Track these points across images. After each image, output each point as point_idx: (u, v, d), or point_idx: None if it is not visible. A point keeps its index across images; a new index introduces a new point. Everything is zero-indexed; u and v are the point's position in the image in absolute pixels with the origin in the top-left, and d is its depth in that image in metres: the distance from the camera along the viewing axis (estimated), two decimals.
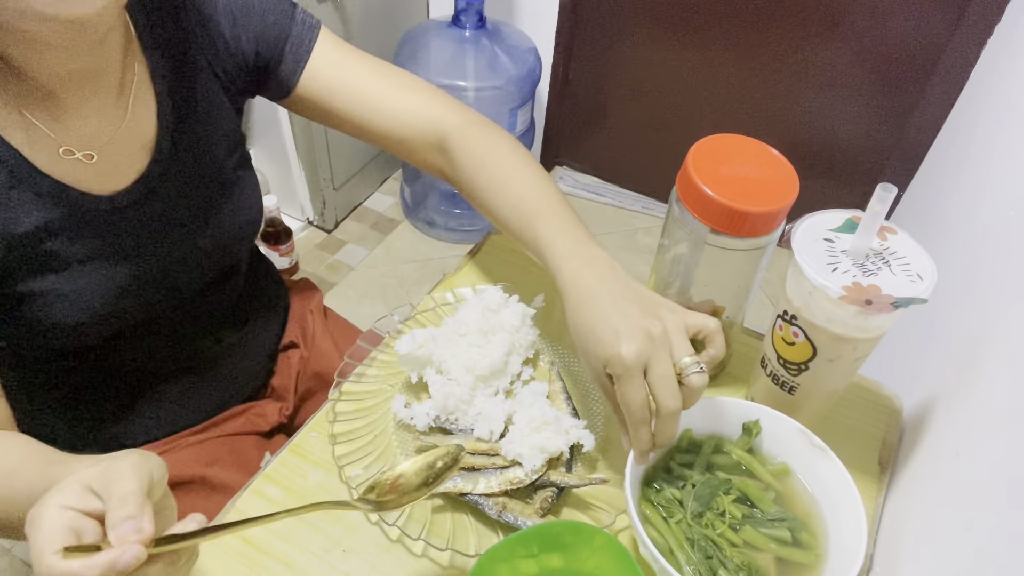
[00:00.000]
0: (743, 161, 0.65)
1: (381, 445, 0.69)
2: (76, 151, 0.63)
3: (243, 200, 0.77)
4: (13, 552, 1.37)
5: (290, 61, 0.74)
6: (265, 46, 0.73)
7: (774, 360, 0.68)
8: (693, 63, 1.97)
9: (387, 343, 0.77)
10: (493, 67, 1.82)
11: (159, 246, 0.70)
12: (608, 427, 0.72)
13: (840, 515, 0.59)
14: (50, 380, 0.77)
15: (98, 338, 0.70)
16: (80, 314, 0.66)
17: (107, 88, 0.64)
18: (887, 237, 0.62)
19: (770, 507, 0.61)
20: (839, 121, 1.90)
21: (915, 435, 0.73)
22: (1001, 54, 1.42)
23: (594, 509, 0.66)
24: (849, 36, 1.75)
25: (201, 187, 0.72)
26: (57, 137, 0.62)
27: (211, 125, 0.72)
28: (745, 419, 0.65)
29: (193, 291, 0.76)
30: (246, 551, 0.63)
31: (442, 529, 0.64)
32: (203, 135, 0.72)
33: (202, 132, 0.71)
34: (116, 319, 0.69)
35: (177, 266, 0.72)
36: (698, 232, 0.65)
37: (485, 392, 0.71)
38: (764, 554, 0.59)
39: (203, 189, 0.72)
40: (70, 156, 0.62)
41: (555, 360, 0.78)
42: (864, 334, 0.61)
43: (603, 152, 2.30)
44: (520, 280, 0.88)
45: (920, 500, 0.64)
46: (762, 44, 1.86)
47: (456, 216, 2.14)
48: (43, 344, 0.69)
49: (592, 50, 2.08)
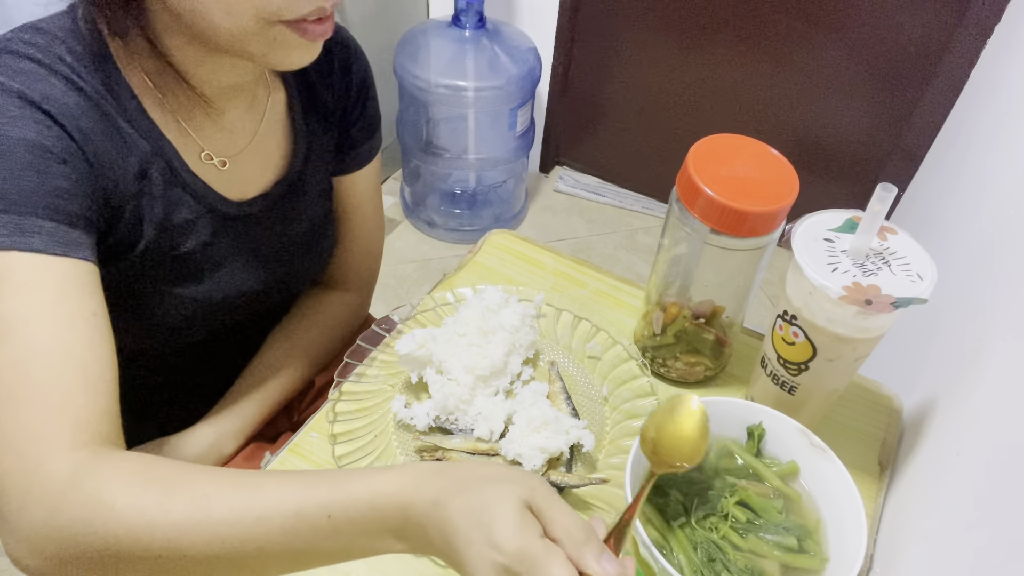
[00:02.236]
0: (743, 161, 0.65)
1: (381, 445, 0.69)
2: (214, 156, 0.67)
3: (332, 229, 0.84)
4: None
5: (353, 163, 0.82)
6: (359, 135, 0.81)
7: (774, 360, 0.68)
8: (693, 63, 1.97)
9: (387, 343, 0.77)
10: (493, 67, 1.82)
11: (264, 260, 0.75)
12: (608, 427, 0.72)
13: (840, 515, 0.59)
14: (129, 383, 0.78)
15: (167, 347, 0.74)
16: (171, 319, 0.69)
17: (245, 102, 0.69)
18: (887, 237, 0.62)
19: (776, 517, 0.60)
20: (839, 121, 1.90)
21: (915, 435, 0.73)
22: (1001, 54, 1.42)
23: (594, 509, 0.66)
24: (849, 36, 1.75)
25: (310, 211, 0.78)
26: (200, 141, 0.66)
27: (325, 160, 0.79)
28: (746, 420, 0.65)
29: (272, 307, 0.82)
30: None
31: None
32: (320, 168, 0.78)
33: (320, 165, 0.78)
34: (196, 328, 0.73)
35: (271, 282, 0.77)
36: (698, 232, 0.65)
37: (485, 392, 0.71)
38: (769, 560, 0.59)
39: (311, 213, 0.79)
40: (208, 161, 0.67)
41: (555, 360, 0.78)
42: (864, 334, 0.61)
43: (603, 152, 2.30)
44: (520, 280, 0.88)
45: (920, 500, 0.64)
46: (762, 44, 1.86)
47: (456, 216, 2.14)
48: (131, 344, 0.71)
49: (592, 50, 2.08)
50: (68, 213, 0.53)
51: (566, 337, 0.80)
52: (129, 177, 0.60)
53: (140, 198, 0.62)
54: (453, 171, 2.09)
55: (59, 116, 0.54)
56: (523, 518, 0.41)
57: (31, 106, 0.53)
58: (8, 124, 0.52)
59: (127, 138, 0.60)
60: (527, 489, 0.42)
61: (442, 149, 1.96)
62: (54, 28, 0.58)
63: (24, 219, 0.51)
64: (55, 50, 0.56)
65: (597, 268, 0.91)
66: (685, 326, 0.74)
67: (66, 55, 0.57)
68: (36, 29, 0.57)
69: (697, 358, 0.76)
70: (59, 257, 0.51)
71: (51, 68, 0.56)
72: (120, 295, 0.63)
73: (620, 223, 2.24)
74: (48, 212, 0.52)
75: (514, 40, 1.88)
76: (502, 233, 0.94)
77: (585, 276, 0.89)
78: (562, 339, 0.80)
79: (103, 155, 0.58)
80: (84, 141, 0.56)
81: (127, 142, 0.60)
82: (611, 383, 0.75)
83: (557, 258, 0.91)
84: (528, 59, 1.87)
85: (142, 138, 0.61)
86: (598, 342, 0.78)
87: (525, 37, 1.92)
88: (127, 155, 0.60)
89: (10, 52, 0.55)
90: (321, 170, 0.79)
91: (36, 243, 0.50)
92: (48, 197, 0.52)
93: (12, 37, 0.56)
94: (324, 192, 0.81)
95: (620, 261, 2.12)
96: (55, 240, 0.51)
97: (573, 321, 0.81)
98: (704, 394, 0.76)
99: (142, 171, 0.62)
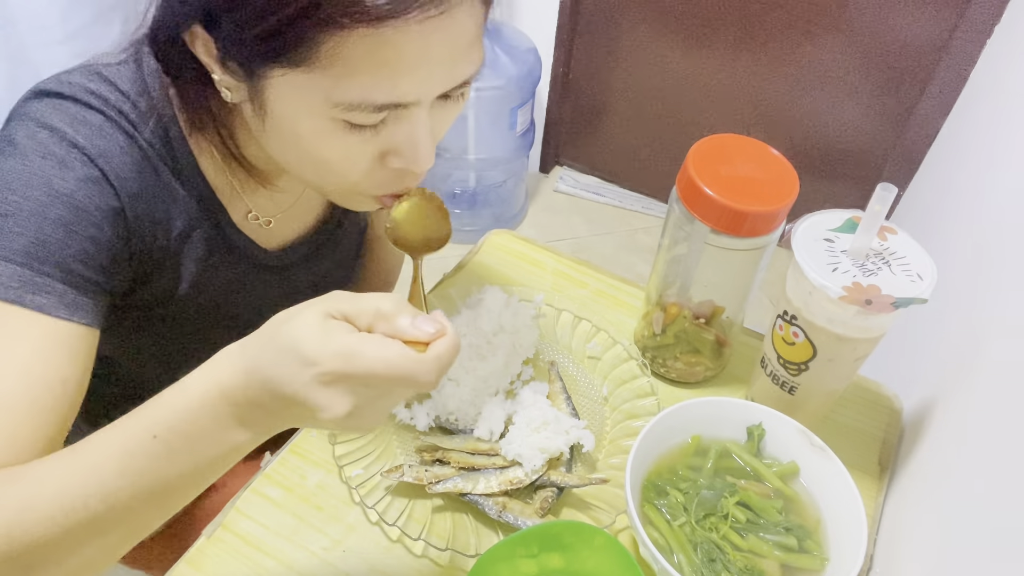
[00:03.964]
0: (743, 161, 0.65)
1: (381, 445, 0.69)
2: (260, 216, 0.69)
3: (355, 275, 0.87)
4: None
5: None
6: None
7: (774, 360, 0.68)
8: (693, 63, 1.97)
9: None
10: (493, 67, 1.82)
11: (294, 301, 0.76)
12: (608, 427, 0.72)
13: (840, 515, 0.59)
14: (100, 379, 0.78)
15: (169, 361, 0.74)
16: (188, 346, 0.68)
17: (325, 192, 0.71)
18: (887, 237, 0.62)
19: (775, 517, 0.60)
20: (839, 121, 1.90)
21: (915, 435, 0.73)
22: (1001, 54, 1.42)
23: (594, 509, 0.66)
24: (849, 36, 1.75)
25: (345, 253, 0.82)
26: (249, 204, 0.67)
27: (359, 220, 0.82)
28: (746, 420, 0.65)
29: None
30: (246, 551, 0.63)
31: (442, 529, 0.64)
32: (353, 224, 0.81)
33: (355, 221, 0.81)
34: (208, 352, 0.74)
35: None
36: (698, 232, 0.65)
37: (485, 392, 0.71)
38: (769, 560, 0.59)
39: (345, 255, 0.82)
40: (255, 221, 0.69)
41: (555, 360, 0.78)
42: (864, 334, 0.61)
43: (603, 152, 2.30)
44: (520, 280, 0.88)
45: (920, 500, 0.64)
46: (762, 44, 1.86)
47: (456, 216, 2.14)
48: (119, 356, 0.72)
49: (592, 50, 2.08)
50: (84, 278, 0.53)
51: (566, 337, 0.80)
52: (172, 236, 0.61)
53: (179, 256, 0.63)
54: (453, 171, 2.09)
55: (111, 175, 0.54)
56: (325, 324, 0.40)
57: (86, 161, 0.53)
58: (58, 176, 0.52)
59: (177, 197, 0.61)
60: (323, 303, 0.42)
61: (442, 149, 1.96)
62: (118, 78, 0.57)
63: (38, 277, 0.51)
64: (119, 105, 0.56)
65: (597, 268, 0.91)
66: (685, 326, 0.74)
67: (130, 112, 0.56)
68: (101, 78, 0.56)
69: (697, 358, 0.76)
70: (56, 319, 0.51)
71: (116, 123, 0.55)
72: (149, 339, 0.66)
73: (620, 223, 2.24)
74: (64, 275, 0.52)
75: (514, 40, 1.88)
76: (502, 233, 0.94)
77: (585, 276, 0.89)
78: (562, 339, 0.80)
79: (147, 215, 0.58)
80: (130, 201, 0.56)
81: (176, 201, 0.61)
82: (611, 383, 0.75)
83: (557, 258, 0.91)
84: (528, 59, 1.87)
85: (192, 198, 0.62)
86: (598, 342, 0.78)
87: (525, 37, 1.92)
88: (174, 215, 0.61)
89: (76, 100, 0.54)
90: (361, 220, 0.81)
91: (41, 302, 0.50)
92: (69, 259, 0.52)
93: (76, 83, 0.55)
94: (361, 230, 0.83)
95: (620, 261, 2.12)
96: (62, 302, 0.51)
97: (573, 321, 0.81)
98: (704, 394, 0.76)
99: (186, 232, 0.62)
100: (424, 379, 0.41)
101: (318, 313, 0.41)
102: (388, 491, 0.65)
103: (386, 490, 0.65)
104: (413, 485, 0.65)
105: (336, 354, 0.39)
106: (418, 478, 0.64)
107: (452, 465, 0.66)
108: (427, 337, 0.42)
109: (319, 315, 0.41)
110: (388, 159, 0.53)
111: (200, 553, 0.62)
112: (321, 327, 0.40)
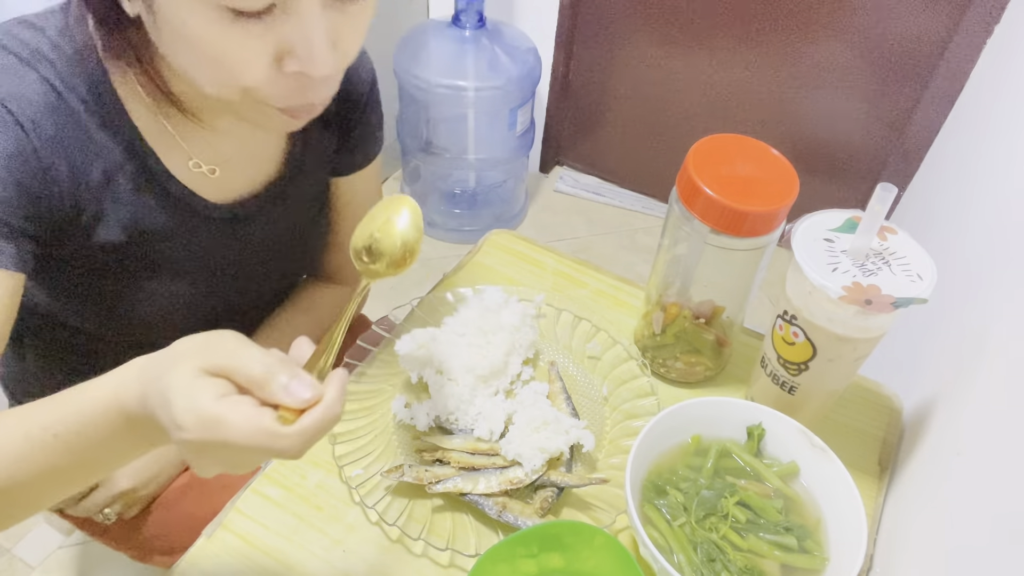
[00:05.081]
0: (743, 161, 0.65)
1: (381, 445, 0.69)
2: (203, 165, 0.67)
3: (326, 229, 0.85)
4: (13, 552, 1.37)
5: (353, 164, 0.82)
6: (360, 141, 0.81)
7: (774, 360, 0.68)
8: (693, 63, 1.97)
9: (387, 343, 0.77)
10: (493, 67, 1.82)
11: (253, 260, 0.75)
12: (608, 427, 0.72)
13: (840, 515, 0.59)
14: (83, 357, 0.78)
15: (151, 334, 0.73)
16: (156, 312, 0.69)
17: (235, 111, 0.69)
18: (887, 237, 0.62)
19: (775, 517, 0.60)
20: (839, 121, 1.90)
21: (915, 435, 0.73)
22: (1001, 54, 1.42)
23: (594, 509, 0.66)
24: (849, 36, 1.75)
25: (302, 212, 0.79)
26: (189, 150, 0.65)
27: (321, 162, 0.78)
28: (746, 420, 0.65)
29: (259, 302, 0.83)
30: (246, 551, 0.63)
31: (442, 529, 0.64)
32: (314, 168, 0.78)
33: (314, 165, 0.78)
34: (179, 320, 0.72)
35: (258, 279, 0.78)
36: (698, 232, 0.65)
37: (485, 392, 0.71)
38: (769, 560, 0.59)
39: (303, 214, 0.79)
40: (197, 169, 0.67)
41: (555, 360, 0.78)
42: (864, 334, 0.61)
43: (603, 152, 2.30)
44: (520, 280, 0.88)
45: (920, 500, 0.64)
46: (762, 44, 1.86)
47: (456, 216, 2.14)
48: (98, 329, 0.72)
49: (592, 50, 2.08)
50: None
51: (566, 337, 0.80)
52: (92, 178, 0.60)
53: (103, 202, 0.61)
54: (453, 171, 2.09)
55: (20, 116, 0.54)
56: (193, 387, 0.41)
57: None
58: None
59: (96, 143, 0.59)
60: (201, 357, 0.42)
61: (442, 149, 1.96)
62: (45, 24, 0.57)
63: None
64: (39, 46, 0.56)
65: (597, 268, 0.91)
66: (685, 326, 0.74)
67: (50, 52, 0.56)
68: (27, 23, 0.57)
69: (697, 358, 0.76)
70: None
71: (29, 64, 0.55)
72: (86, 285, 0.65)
73: (620, 223, 2.24)
74: None
75: (514, 40, 1.88)
76: (502, 233, 0.94)
77: (585, 276, 0.89)
78: (562, 339, 0.80)
79: (64, 157, 0.57)
80: (43, 144, 0.55)
81: (95, 146, 0.60)
82: (611, 383, 0.75)
83: (557, 258, 0.91)
84: (528, 59, 1.87)
85: (116, 144, 0.61)
86: (598, 342, 0.78)
87: (525, 37, 1.92)
88: (92, 160, 0.60)
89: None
90: (317, 171, 0.78)
91: None
92: None
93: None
94: (319, 193, 0.80)
95: (620, 261, 2.12)
96: None
97: (573, 321, 0.81)
98: (704, 394, 0.76)
99: (106, 177, 0.61)
100: (285, 453, 0.41)
101: (193, 369, 0.41)
102: (388, 491, 0.65)
103: (386, 490, 0.65)
104: (413, 485, 0.65)
105: (199, 422, 0.40)
106: (418, 478, 0.64)
107: (452, 465, 0.66)
108: (299, 404, 0.42)
109: (193, 372, 0.41)
110: (285, 62, 0.52)
111: (200, 553, 0.62)
112: (191, 387, 0.41)
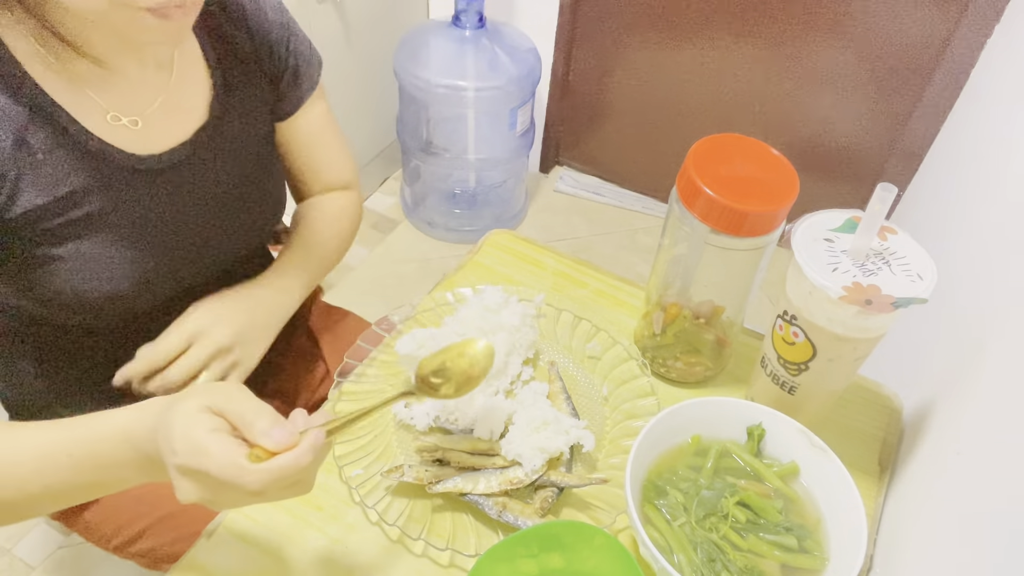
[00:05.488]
0: (743, 161, 0.65)
1: (381, 445, 0.69)
2: (123, 117, 0.65)
3: (273, 183, 0.82)
4: (13, 552, 1.37)
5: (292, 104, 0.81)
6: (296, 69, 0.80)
7: (774, 360, 0.68)
8: (693, 63, 1.97)
9: (387, 343, 0.77)
10: (493, 67, 1.82)
11: (195, 216, 0.73)
12: (608, 427, 0.72)
13: (840, 515, 0.59)
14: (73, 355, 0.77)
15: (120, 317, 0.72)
16: (107, 284, 0.67)
17: (151, 57, 0.67)
18: (887, 237, 0.62)
19: (775, 517, 0.60)
20: (839, 121, 1.90)
21: (915, 435, 0.73)
22: (1001, 54, 1.42)
23: (594, 509, 0.66)
24: (850, 36, 1.75)
25: (240, 161, 0.76)
26: (105, 104, 0.64)
27: (253, 108, 0.77)
28: (746, 420, 0.65)
29: (218, 271, 0.79)
30: (246, 551, 0.63)
31: (442, 529, 0.64)
32: (245, 114, 0.76)
33: (244, 111, 0.76)
34: (141, 295, 0.70)
35: (208, 240, 0.75)
36: (698, 232, 0.65)
37: (485, 392, 0.71)
38: (769, 560, 0.59)
39: (241, 164, 0.76)
40: (117, 122, 0.65)
41: (555, 360, 0.78)
42: (864, 334, 0.61)
43: (603, 152, 2.29)
44: (520, 280, 0.88)
45: (920, 500, 0.64)
46: (762, 44, 1.86)
47: (456, 216, 2.14)
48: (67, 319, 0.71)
49: (592, 50, 2.08)
50: None
51: (566, 337, 0.80)
52: (4, 148, 0.59)
53: (20, 167, 0.60)
54: (453, 171, 2.09)
55: None
56: (193, 418, 0.46)
57: None
58: None
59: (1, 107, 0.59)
60: (207, 396, 0.47)
61: (442, 149, 1.96)
62: None
63: None
64: None
65: (597, 268, 0.91)
66: (685, 326, 0.74)
67: None
68: None
69: (697, 358, 0.76)
70: None
71: None
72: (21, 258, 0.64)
73: (620, 223, 2.24)
74: None
75: (514, 40, 1.88)
76: (502, 233, 0.94)
77: (585, 276, 0.89)
78: (562, 339, 0.80)
79: None
80: None
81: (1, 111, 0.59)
82: (611, 383, 0.75)
83: (557, 258, 0.91)
84: (528, 59, 1.87)
85: (18, 105, 0.59)
86: (598, 342, 0.78)
87: (525, 37, 1.92)
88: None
89: None
90: (250, 115, 0.76)
91: None
92: None
93: None
94: (261, 138, 0.79)
95: (620, 261, 2.12)
96: None
97: (573, 321, 0.81)
98: (704, 394, 0.76)
99: (18, 140, 0.59)
100: (248, 488, 0.45)
101: (198, 405, 0.47)
102: (388, 491, 0.65)
103: (386, 490, 0.65)
104: (413, 485, 0.65)
105: (189, 447, 0.45)
106: (418, 478, 0.64)
107: (452, 465, 0.66)
108: (274, 447, 0.46)
109: (197, 407, 0.47)
110: None
111: (200, 553, 0.62)
112: (191, 419, 0.46)
